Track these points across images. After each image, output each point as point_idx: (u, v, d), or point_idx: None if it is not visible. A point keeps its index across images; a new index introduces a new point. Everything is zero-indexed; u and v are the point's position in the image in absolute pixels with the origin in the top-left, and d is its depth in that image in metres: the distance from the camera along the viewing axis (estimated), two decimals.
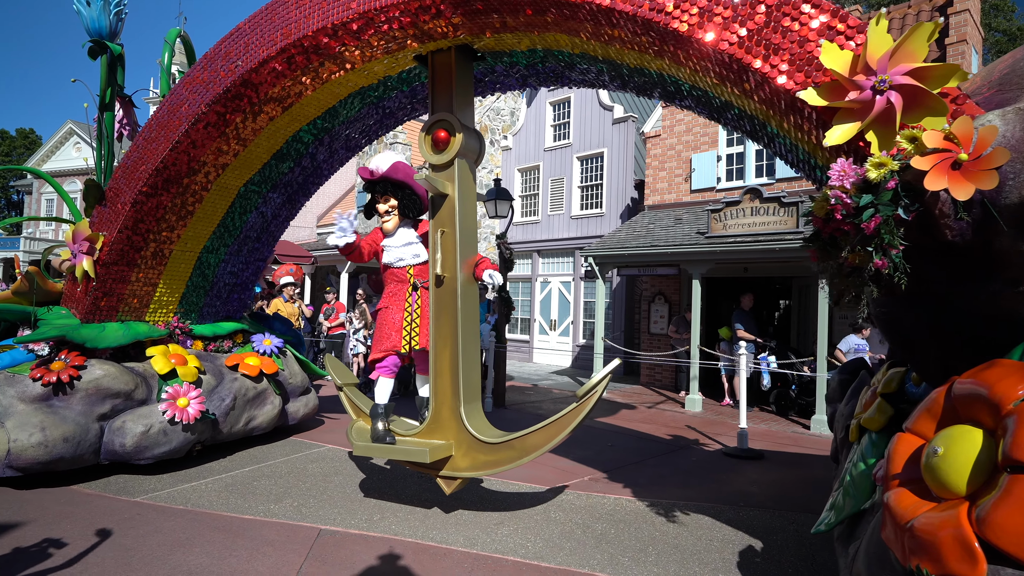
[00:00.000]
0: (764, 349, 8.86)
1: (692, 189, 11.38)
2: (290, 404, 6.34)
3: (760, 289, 11.58)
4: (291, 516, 4.04)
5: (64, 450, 4.40)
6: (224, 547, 3.51)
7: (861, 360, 3.99)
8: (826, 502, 4.30)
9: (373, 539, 3.69)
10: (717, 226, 9.10)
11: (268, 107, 4.58)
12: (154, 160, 4.64)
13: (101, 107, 5.15)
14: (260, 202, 5.63)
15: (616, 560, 3.46)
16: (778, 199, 8.56)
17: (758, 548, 3.70)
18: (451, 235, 4.05)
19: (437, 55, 4.18)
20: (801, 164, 3.58)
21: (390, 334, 4.04)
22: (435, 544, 3.64)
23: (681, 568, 3.38)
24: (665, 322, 11.44)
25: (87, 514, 4.00)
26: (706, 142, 11.26)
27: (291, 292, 9.19)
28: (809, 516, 4.24)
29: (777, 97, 2.73)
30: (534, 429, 3.77)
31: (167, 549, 3.46)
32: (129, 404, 4.86)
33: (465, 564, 3.37)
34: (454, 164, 4.05)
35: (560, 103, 15.43)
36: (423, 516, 4.11)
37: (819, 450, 6.57)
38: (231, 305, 6.24)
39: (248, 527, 3.84)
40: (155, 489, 4.55)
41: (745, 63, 2.66)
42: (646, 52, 3.34)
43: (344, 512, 4.14)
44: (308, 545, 3.57)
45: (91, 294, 4.92)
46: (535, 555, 3.51)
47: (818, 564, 3.50)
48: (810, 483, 5.22)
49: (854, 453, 3.11)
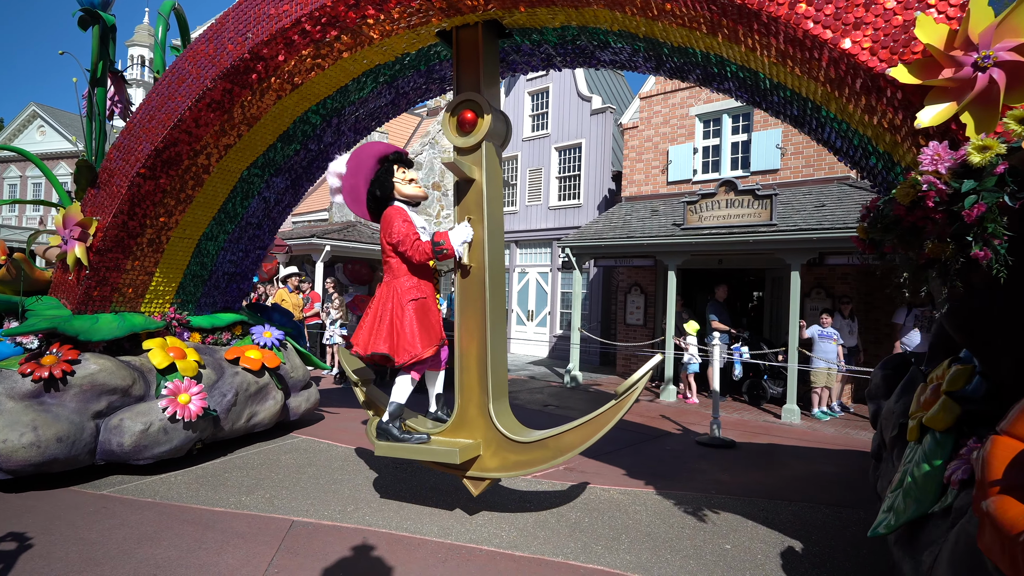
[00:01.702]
0: (737, 340, 8.93)
1: (669, 181, 11.49)
2: (291, 399, 6.07)
3: (734, 281, 11.73)
4: (263, 508, 3.97)
5: (58, 451, 4.09)
6: (193, 540, 3.43)
7: (904, 355, 3.87)
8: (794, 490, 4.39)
9: (346, 530, 3.64)
10: (693, 218, 9.12)
11: (277, 84, 4.28)
12: (153, 140, 4.32)
13: (92, 82, 4.78)
14: (263, 187, 5.32)
15: (589, 548, 3.49)
16: (752, 192, 8.56)
17: (729, 535, 3.76)
18: (478, 223, 3.82)
19: (462, 31, 3.93)
20: (853, 151, 3.42)
21: (435, 327, 3.73)
22: (409, 534, 3.61)
23: (653, 555, 3.42)
24: (641, 313, 11.58)
25: (50, 507, 3.82)
26: (683, 134, 11.35)
27: (295, 282, 8.83)
28: (778, 504, 4.35)
29: (853, 76, 2.55)
30: (569, 427, 3.58)
31: (134, 543, 3.36)
32: (126, 401, 4.56)
33: (439, 554, 3.36)
34: (481, 147, 3.81)
35: (538, 93, 15.29)
36: (397, 507, 4.06)
37: (789, 439, 6.71)
38: (229, 295, 5.94)
39: (218, 519, 3.76)
40: (122, 482, 4.36)
41: (822, 39, 2.47)
42: (697, 29, 3.14)
43: (317, 503, 4.09)
44: (280, 537, 3.51)
45: (83, 283, 4.60)
46: (509, 544, 3.52)
47: (787, 551, 3.56)
48: (780, 472, 5.34)
49: (914, 453, 2.97)
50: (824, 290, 9.57)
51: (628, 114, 12.88)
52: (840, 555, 3.52)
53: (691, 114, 11.27)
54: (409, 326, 3.62)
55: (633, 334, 11.93)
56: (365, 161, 3.87)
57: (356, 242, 14.22)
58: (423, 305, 3.72)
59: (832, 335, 7.92)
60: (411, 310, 3.65)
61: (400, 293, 3.70)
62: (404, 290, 3.70)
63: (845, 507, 4.33)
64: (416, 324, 3.63)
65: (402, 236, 3.65)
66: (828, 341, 7.92)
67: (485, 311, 3.78)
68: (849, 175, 9.49)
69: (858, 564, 3.42)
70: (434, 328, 3.74)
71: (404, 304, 3.66)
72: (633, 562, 3.33)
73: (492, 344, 3.77)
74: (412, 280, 3.72)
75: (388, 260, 3.82)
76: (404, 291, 3.69)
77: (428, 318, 3.71)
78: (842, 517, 4.13)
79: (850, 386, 9.02)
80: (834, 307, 8.57)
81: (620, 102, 15.93)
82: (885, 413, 3.47)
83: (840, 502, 4.45)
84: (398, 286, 3.72)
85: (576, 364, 10.63)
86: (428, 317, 3.71)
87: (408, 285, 3.71)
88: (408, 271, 3.74)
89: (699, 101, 11.17)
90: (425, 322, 3.67)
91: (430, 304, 3.76)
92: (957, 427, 2.79)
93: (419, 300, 3.70)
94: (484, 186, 3.81)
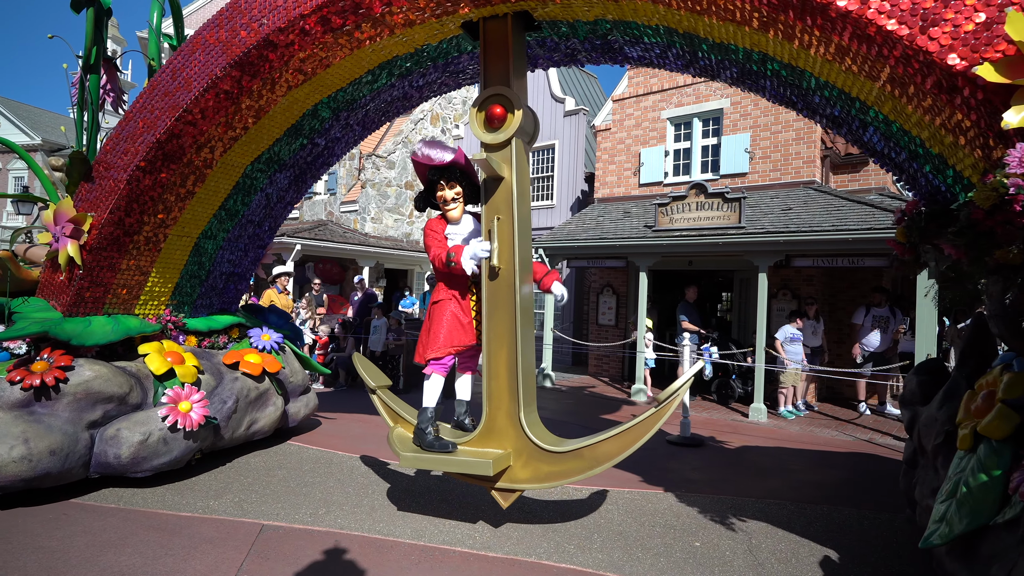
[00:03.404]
0: (707, 340, 9.08)
1: (641, 183, 11.67)
2: (290, 405, 5.82)
3: (704, 282, 11.96)
4: (231, 512, 3.88)
5: (51, 464, 3.80)
6: (159, 546, 3.32)
7: (938, 360, 3.84)
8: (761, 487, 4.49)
9: (318, 533, 3.60)
10: (664, 220, 9.22)
11: (290, 75, 4.05)
12: (155, 131, 4.05)
13: (85, 68, 4.47)
14: (266, 183, 5.07)
15: (562, 548, 3.51)
16: (722, 195, 8.69)
17: (698, 533, 3.80)
18: (507, 222, 3.66)
19: (490, 22, 3.76)
20: (896, 153, 3.36)
21: (458, 328, 3.64)
22: (382, 537, 3.57)
23: (625, 554, 3.45)
24: (613, 313, 11.72)
25: (6, 514, 3.64)
26: (654, 137, 11.53)
27: (285, 283, 8.52)
28: (745, 501, 4.42)
29: (924, 75, 2.46)
30: (606, 436, 3.44)
31: (96, 550, 3.23)
32: (123, 409, 4.28)
33: (412, 556, 3.33)
34: (511, 144, 3.65)
35: None
36: (370, 509, 4.02)
37: (756, 437, 6.82)
38: (227, 296, 5.66)
39: (185, 524, 3.66)
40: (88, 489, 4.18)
41: (897, 35, 2.37)
42: (747, 25, 3.03)
43: (288, 506, 4.02)
44: (250, 541, 3.44)
45: (75, 283, 4.30)
46: (482, 545, 3.51)
47: (754, 547, 3.59)
48: (747, 470, 5.44)
49: (966, 462, 2.91)
50: (790, 291, 9.80)
51: (601, 116, 12.91)
52: (804, 550, 3.56)
53: (663, 117, 11.46)
54: (427, 326, 3.72)
55: (605, 334, 12.08)
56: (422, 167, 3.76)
57: (327, 241, 13.89)
58: (443, 307, 3.71)
59: (800, 336, 8.12)
60: (433, 311, 3.74)
61: (432, 297, 3.83)
62: (435, 293, 3.81)
63: (809, 503, 4.41)
64: (435, 325, 3.67)
65: (430, 242, 3.71)
66: (797, 342, 8.12)
67: (515, 314, 3.62)
68: (814, 180, 9.69)
69: (824, 559, 3.46)
70: (456, 331, 3.66)
71: (430, 306, 3.79)
72: (605, 561, 3.36)
73: (523, 349, 3.61)
74: (444, 283, 3.75)
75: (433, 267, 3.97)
76: (434, 294, 3.81)
77: (449, 321, 3.66)
78: (806, 513, 4.18)
79: (814, 385, 9.25)
80: (800, 308, 8.74)
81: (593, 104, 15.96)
82: (925, 420, 3.42)
83: (805, 499, 4.52)
84: (434, 291, 3.85)
85: (549, 364, 10.68)
86: (448, 320, 3.66)
87: (439, 287, 3.79)
88: (442, 276, 3.77)
89: (670, 105, 11.36)
90: (444, 324, 3.65)
91: (451, 306, 3.70)
92: (1015, 436, 2.74)
93: (439, 302, 3.73)
94: (514, 184, 3.65)
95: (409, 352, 9.15)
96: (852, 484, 5.09)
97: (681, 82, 11.10)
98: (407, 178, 16.98)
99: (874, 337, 8.16)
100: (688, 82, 11.03)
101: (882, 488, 4.97)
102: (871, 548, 3.64)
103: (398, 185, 16.79)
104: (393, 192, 16.83)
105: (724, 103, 10.64)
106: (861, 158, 10.56)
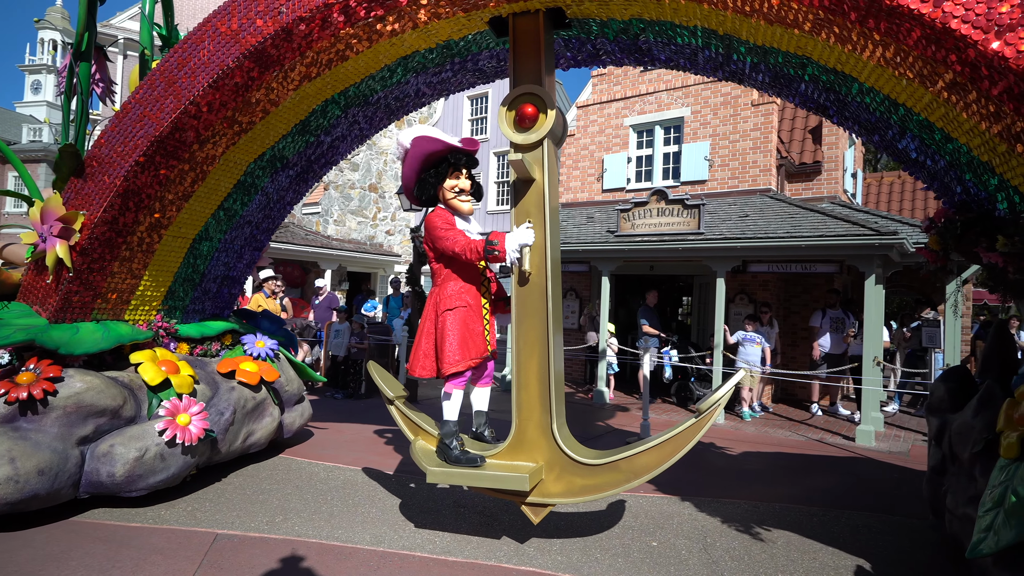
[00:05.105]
0: (667, 343, 9.28)
1: (604, 188, 11.91)
2: (286, 415, 5.55)
3: (665, 286, 12.20)
4: (183, 521, 3.78)
5: (39, 485, 3.48)
6: (105, 559, 3.19)
7: (965, 368, 3.85)
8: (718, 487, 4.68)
9: (274, 541, 3.53)
10: (626, 225, 9.39)
11: (305, 68, 3.83)
12: (157, 125, 3.77)
13: (76, 55, 4.14)
14: (267, 182, 4.81)
15: (522, 551, 3.53)
16: (682, 201, 8.91)
17: (655, 533, 3.88)
18: (539, 226, 3.53)
19: (520, 18, 3.62)
20: (933, 161, 3.35)
21: (475, 338, 3.42)
22: (340, 544, 3.53)
23: (583, 555, 3.50)
24: (576, 317, 11.90)
25: None
26: (617, 143, 11.77)
27: (272, 287, 8.16)
28: (702, 500, 4.51)
29: (991, 80, 2.43)
30: (644, 448, 3.33)
31: (38, 564, 3.09)
32: (116, 424, 3.97)
33: (371, 563, 3.30)
34: (543, 145, 3.52)
35: (478, 98, 15.31)
36: (328, 515, 3.97)
37: (714, 438, 6.92)
38: (220, 301, 5.35)
39: (134, 536, 3.54)
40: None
41: (972, 39, 2.33)
42: (796, 28, 2.97)
43: (243, 514, 3.93)
44: (202, 552, 3.35)
45: (64, 287, 3.97)
46: (443, 550, 3.50)
47: (709, 546, 3.70)
48: (704, 469, 5.55)
49: (1014, 471, 2.90)
50: (747, 296, 10.07)
51: None
52: (757, 548, 3.67)
53: (625, 124, 11.67)
54: (441, 337, 3.39)
55: (568, 338, 12.15)
56: (421, 158, 3.49)
57: (289, 244, 13.55)
58: (460, 315, 3.43)
59: (756, 339, 8.33)
60: (446, 320, 3.40)
61: (439, 302, 3.47)
62: (443, 298, 3.46)
63: (762, 501, 4.54)
64: (452, 334, 3.37)
65: (450, 234, 3.39)
66: (752, 344, 8.32)
67: (547, 322, 3.48)
68: (770, 188, 9.94)
69: (772, 556, 3.55)
70: (473, 340, 3.43)
71: (440, 313, 3.44)
72: (564, 562, 3.39)
73: (555, 358, 3.48)
74: (454, 287, 3.45)
75: (431, 267, 3.59)
76: (443, 299, 3.46)
77: (465, 330, 3.40)
78: (759, 512, 4.29)
79: (770, 387, 9.51)
80: (755, 312, 8.98)
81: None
82: (959, 428, 3.41)
83: (760, 497, 4.65)
84: (439, 294, 3.49)
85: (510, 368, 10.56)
86: (465, 328, 3.41)
87: (448, 292, 3.46)
88: (449, 277, 3.48)
89: (633, 112, 11.59)
90: (461, 334, 3.38)
91: (468, 314, 3.45)
92: None
93: (456, 309, 3.43)
94: (546, 187, 3.52)
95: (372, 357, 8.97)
96: (803, 482, 5.26)
97: (644, 90, 11.37)
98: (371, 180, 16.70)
99: (829, 339, 8.37)
100: (651, 90, 11.29)
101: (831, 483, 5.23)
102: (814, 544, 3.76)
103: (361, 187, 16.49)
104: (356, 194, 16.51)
105: (685, 112, 10.89)
106: (814, 167, 10.94)
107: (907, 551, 3.71)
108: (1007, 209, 3.09)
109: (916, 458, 6.22)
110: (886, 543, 3.83)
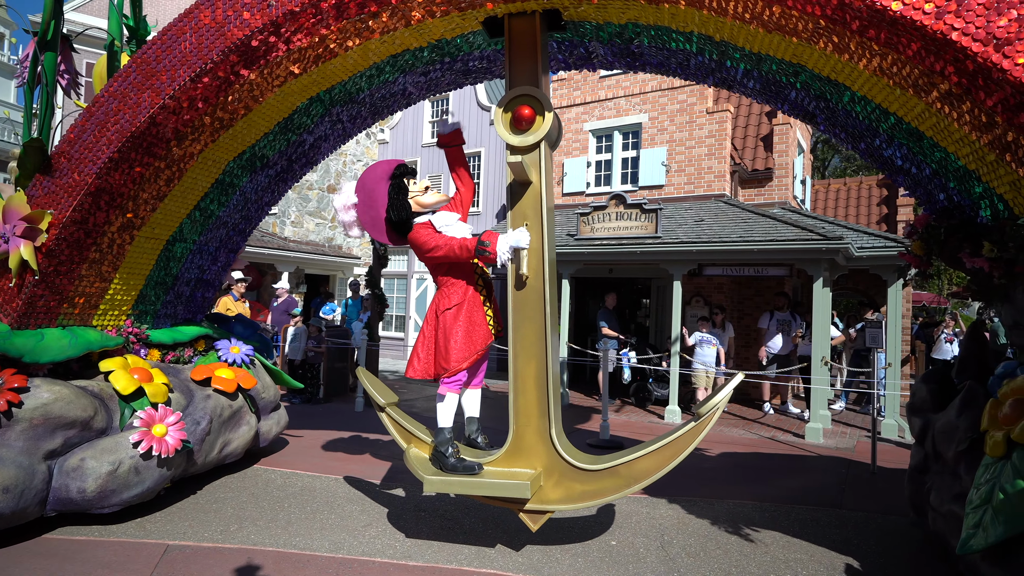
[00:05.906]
0: (626, 345, 9.42)
1: (564, 192, 12.09)
2: (262, 423, 5.35)
3: (624, 289, 12.38)
4: (132, 533, 3.67)
5: (3, 504, 3.25)
6: (48, 575, 3.06)
7: (945, 369, 3.98)
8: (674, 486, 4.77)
9: (228, 551, 3.44)
10: (585, 229, 9.52)
11: (291, 65, 3.70)
12: (132, 120, 3.57)
13: (41, 45, 3.89)
14: (246, 182, 4.63)
15: (483, 554, 3.53)
16: (640, 206, 9.12)
17: (614, 532, 3.92)
18: (536, 229, 3.49)
19: (515, 19, 3.58)
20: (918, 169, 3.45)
21: (477, 328, 3.38)
22: (297, 551, 3.47)
23: (544, 556, 3.51)
24: None
25: None
26: (577, 148, 11.97)
27: (242, 289, 7.87)
28: (659, 499, 4.58)
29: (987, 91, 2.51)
30: (643, 452, 3.32)
31: None
32: (86, 436, 3.74)
33: (329, 569, 3.25)
34: (540, 147, 3.49)
35: (439, 100, 15.26)
36: (286, 523, 3.91)
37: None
38: (193, 305, 5.13)
39: (80, 549, 3.41)
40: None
41: (971, 52, 2.40)
42: (794, 36, 3.02)
43: (196, 524, 3.84)
44: (152, 564, 3.24)
45: (27, 291, 3.72)
46: (403, 555, 3.47)
47: (666, 543, 3.75)
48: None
49: (999, 469, 3.00)
50: (703, 298, 10.34)
51: None
52: (712, 544, 3.75)
53: (585, 129, 11.85)
54: (445, 336, 3.37)
55: None
56: (377, 186, 3.48)
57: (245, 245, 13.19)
58: (458, 313, 3.41)
59: (711, 340, 8.57)
60: (447, 319, 3.40)
61: (438, 303, 3.48)
62: (442, 299, 3.47)
63: (719, 499, 4.63)
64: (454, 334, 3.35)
65: (436, 241, 3.38)
66: (708, 345, 8.55)
67: (545, 327, 3.44)
68: (725, 193, 10.25)
69: (726, 552, 3.64)
70: (476, 336, 3.41)
71: (440, 313, 3.44)
72: (525, 564, 3.40)
73: (552, 363, 3.44)
74: (451, 286, 3.45)
75: (434, 279, 3.58)
76: (441, 300, 3.46)
77: (468, 327, 3.39)
78: (715, 509, 4.38)
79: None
80: (710, 314, 9.27)
81: None
82: (943, 427, 3.52)
83: (716, 495, 4.74)
84: (438, 297, 3.50)
85: None
86: (467, 326, 3.39)
87: (446, 293, 3.46)
88: (445, 280, 3.47)
89: (593, 117, 11.78)
90: (463, 332, 3.37)
91: (466, 311, 3.42)
92: None
93: (454, 306, 3.41)
94: (543, 190, 3.49)
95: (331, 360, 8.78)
96: (757, 479, 5.41)
97: (603, 96, 11.56)
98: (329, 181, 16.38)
99: (778, 340, 8.67)
100: (610, 95, 11.45)
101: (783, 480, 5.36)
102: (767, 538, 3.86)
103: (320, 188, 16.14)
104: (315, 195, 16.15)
105: (643, 118, 11.08)
106: (766, 174, 11.29)
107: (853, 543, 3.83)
108: (990, 216, 3.20)
109: (861, 454, 6.46)
110: (834, 536, 3.93)
